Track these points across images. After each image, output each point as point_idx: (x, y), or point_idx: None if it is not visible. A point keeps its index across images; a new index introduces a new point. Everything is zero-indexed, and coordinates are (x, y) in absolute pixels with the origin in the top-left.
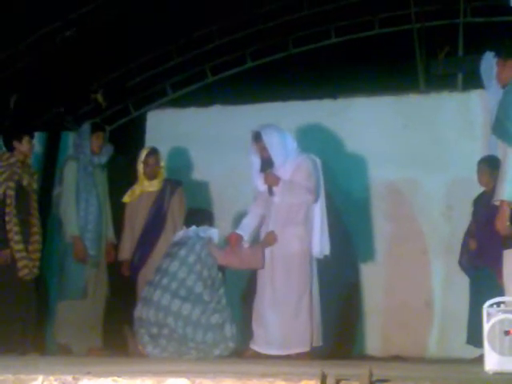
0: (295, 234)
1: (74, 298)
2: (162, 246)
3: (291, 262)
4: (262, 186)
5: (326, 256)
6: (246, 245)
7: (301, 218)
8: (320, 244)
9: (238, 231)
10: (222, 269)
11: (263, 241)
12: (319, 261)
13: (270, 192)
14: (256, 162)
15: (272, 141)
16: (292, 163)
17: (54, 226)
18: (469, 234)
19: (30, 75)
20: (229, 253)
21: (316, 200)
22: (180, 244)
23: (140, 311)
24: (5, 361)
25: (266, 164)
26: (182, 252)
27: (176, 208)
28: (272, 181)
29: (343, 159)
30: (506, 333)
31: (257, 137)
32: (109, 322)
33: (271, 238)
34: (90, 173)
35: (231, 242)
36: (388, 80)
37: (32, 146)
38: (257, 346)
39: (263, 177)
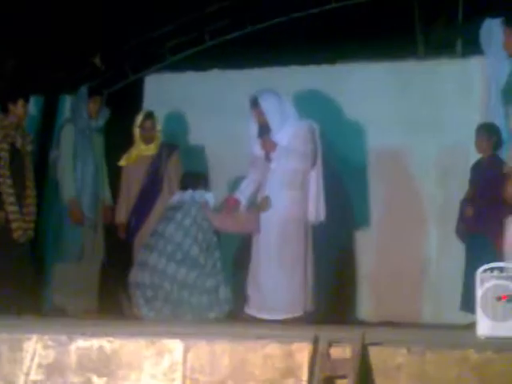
0: (291, 198)
1: (71, 260)
2: (158, 210)
3: (287, 227)
4: (259, 152)
5: (321, 222)
6: (243, 209)
7: (297, 183)
8: (316, 210)
9: (236, 195)
10: (216, 232)
11: (258, 205)
12: (315, 225)
13: (267, 157)
14: (253, 127)
15: (269, 106)
16: (289, 129)
17: (51, 188)
18: (466, 201)
19: (28, 38)
20: (224, 216)
21: (313, 166)
22: (176, 207)
23: (136, 274)
24: (0, 321)
25: (264, 130)
26: (178, 215)
27: (172, 171)
28: (269, 146)
29: (341, 125)
30: (499, 298)
31: (254, 102)
32: (105, 285)
33: (266, 203)
34: (87, 136)
35: (229, 205)
36: (387, 46)
37: (27, 109)
38: (251, 310)
39: (260, 142)
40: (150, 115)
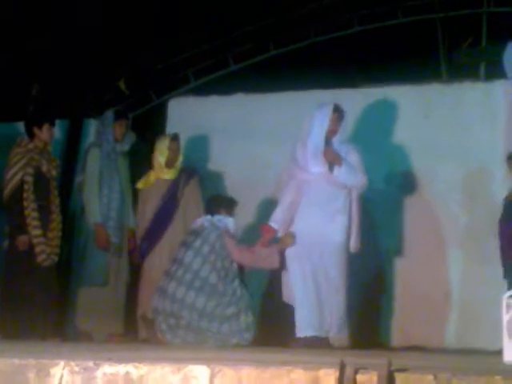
0: (339, 223)
1: (96, 285)
2: (169, 235)
3: (324, 250)
4: (316, 166)
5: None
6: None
7: (341, 206)
8: (355, 238)
9: (272, 224)
10: None
11: (280, 241)
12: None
13: (331, 169)
14: (320, 133)
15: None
16: (343, 147)
17: (77, 212)
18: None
19: (53, 63)
20: (243, 250)
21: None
22: (196, 233)
23: (157, 302)
24: (26, 346)
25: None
26: (197, 242)
27: (189, 197)
28: (334, 158)
29: (363, 148)
30: None
31: (341, 110)
32: (130, 309)
33: (289, 239)
34: (112, 160)
35: (264, 234)
36: (410, 69)
37: (52, 133)
38: None
39: (324, 152)
40: (176, 137)
